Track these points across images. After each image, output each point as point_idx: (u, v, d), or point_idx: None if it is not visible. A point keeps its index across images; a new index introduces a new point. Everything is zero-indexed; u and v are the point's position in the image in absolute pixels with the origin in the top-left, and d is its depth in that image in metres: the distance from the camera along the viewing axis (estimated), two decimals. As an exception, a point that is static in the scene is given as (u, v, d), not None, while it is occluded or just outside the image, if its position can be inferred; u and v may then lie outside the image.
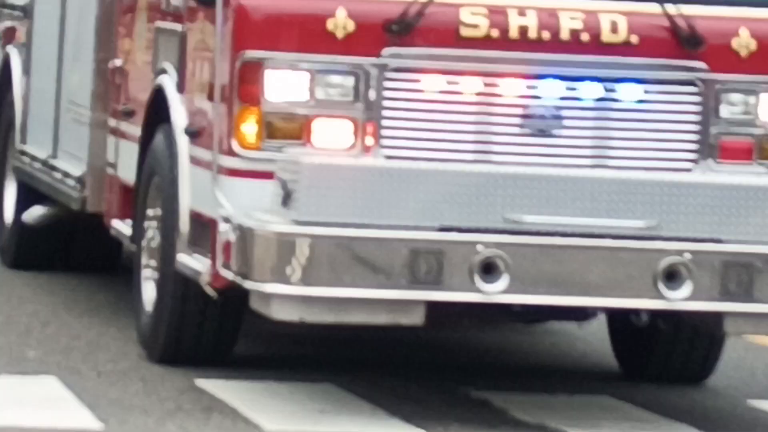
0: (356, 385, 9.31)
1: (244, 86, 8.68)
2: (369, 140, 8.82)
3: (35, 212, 13.51)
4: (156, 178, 10.00)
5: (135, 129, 10.61)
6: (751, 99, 9.34)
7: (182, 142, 9.39)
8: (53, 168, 12.99)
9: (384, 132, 8.83)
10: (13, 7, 15.20)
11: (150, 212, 10.14)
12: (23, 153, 14.07)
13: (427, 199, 8.33)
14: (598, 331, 10.98)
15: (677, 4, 9.14)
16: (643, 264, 8.42)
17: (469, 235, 8.23)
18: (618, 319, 9.88)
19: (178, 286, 9.50)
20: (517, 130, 8.75)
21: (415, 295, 8.15)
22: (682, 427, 9.19)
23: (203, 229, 9.15)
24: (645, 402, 9.74)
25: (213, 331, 9.76)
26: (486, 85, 8.73)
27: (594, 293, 8.58)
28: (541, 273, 8.33)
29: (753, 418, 9.82)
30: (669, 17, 9.04)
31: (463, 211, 8.37)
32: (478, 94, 8.79)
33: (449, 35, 8.69)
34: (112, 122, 11.56)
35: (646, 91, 9.08)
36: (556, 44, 8.82)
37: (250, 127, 8.60)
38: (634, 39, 8.84)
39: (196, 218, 9.15)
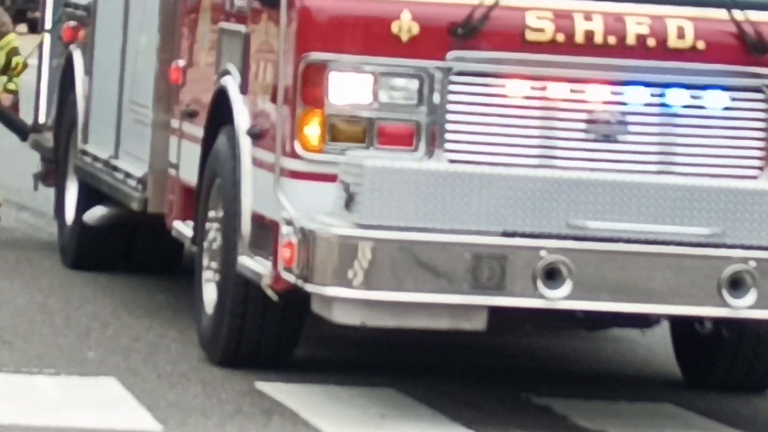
0: (417, 390, 9.23)
1: (308, 88, 8.62)
2: (433, 144, 8.76)
3: (96, 212, 13.46)
4: (218, 180, 9.98)
5: (197, 130, 10.58)
6: None
7: (245, 143, 9.37)
8: (115, 168, 12.93)
9: (448, 136, 8.75)
10: (76, 6, 15.00)
11: (211, 214, 10.10)
12: (85, 153, 13.96)
13: (490, 204, 8.25)
14: (661, 338, 10.94)
15: (744, 10, 9.08)
16: (708, 271, 8.32)
17: (532, 241, 8.17)
18: (681, 326, 9.82)
19: (239, 289, 9.42)
20: (582, 135, 8.69)
21: (478, 300, 8.09)
22: None
23: (265, 231, 9.11)
24: (707, 410, 9.68)
25: (274, 334, 9.70)
26: (552, 90, 8.67)
27: (657, 300, 8.49)
28: (605, 279, 8.28)
29: None
30: (736, 23, 8.96)
31: (527, 216, 8.32)
32: (544, 98, 8.72)
33: (515, 39, 8.61)
34: (175, 123, 11.50)
35: (712, 98, 8.97)
36: (621, 49, 8.72)
37: (313, 130, 8.54)
38: (701, 45, 8.74)
39: (258, 220, 9.11)
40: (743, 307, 8.30)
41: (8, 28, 17.67)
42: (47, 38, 17.11)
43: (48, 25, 16.81)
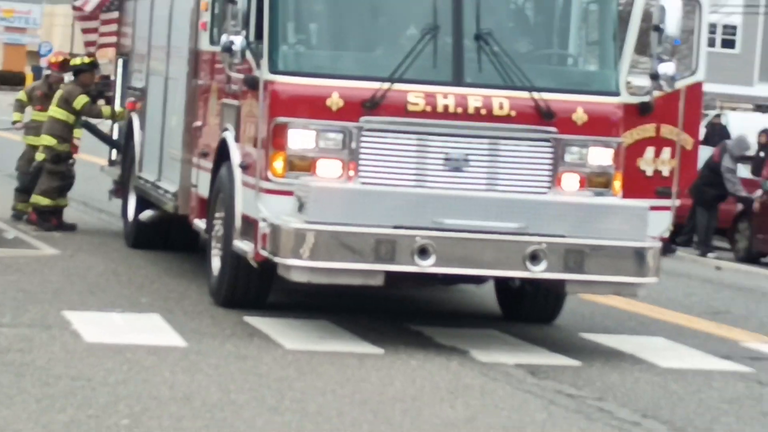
0: (342, 321, 10.39)
1: (276, 138, 9.64)
2: (351, 173, 9.84)
3: (147, 214, 14.17)
4: (221, 194, 10.88)
5: (208, 164, 11.52)
6: (584, 151, 10.37)
7: (237, 172, 10.30)
8: (158, 186, 13.56)
9: (360, 168, 9.84)
10: (135, 88, 15.35)
11: (217, 215, 11.06)
12: (140, 177, 14.80)
13: (386, 209, 9.40)
14: (489, 290, 11.79)
15: (539, 92, 10.07)
16: (516, 249, 9.50)
17: (411, 231, 9.36)
18: (501, 283, 10.96)
19: (233, 260, 10.41)
20: (441, 167, 9.85)
21: (378, 267, 9.21)
22: (540, 349, 10.28)
23: (249, 225, 10.12)
24: (517, 333, 10.88)
25: (255, 288, 10.71)
26: (423, 139, 9.86)
27: (487, 267, 9.74)
28: (455, 254, 9.47)
29: (582, 343, 10.90)
30: (534, 100, 9.95)
31: (408, 216, 9.49)
32: (418, 145, 9.84)
33: (400, 109, 9.67)
34: (195, 160, 12.36)
35: (519, 144, 10.13)
36: (465, 115, 9.78)
37: (279, 164, 9.62)
38: (513, 113, 9.85)
39: (245, 219, 10.06)
40: (538, 272, 9.51)
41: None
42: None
43: (117, 100, 16.84)
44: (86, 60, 16.90)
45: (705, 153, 21.10)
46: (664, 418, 8.01)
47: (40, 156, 16.09)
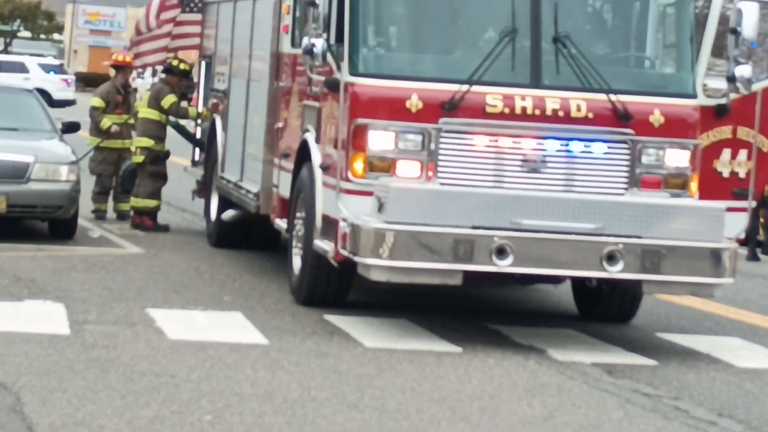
0: (421, 320, 10.35)
1: (356, 140, 9.65)
2: (430, 173, 9.84)
3: (229, 213, 14.30)
4: (302, 194, 10.94)
5: (289, 165, 11.54)
6: (660, 152, 10.30)
7: (318, 173, 10.32)
8: (240, 187, 13.67)
9: (439, 169, 9.82)
10: (217, 90, 15.53)
11: (298, 215, 11.10)
12: (222, 178, 14.70)
13: (465, 210, 9.40)
14: (566, 290, 11.74)
15: (616, 94, 10.00)
16: (593, 250, 9.44)
17: (489, 231, 9.35)
18: (578, 283, 10.81)
19: (314, 259, 10.38)
20: (518, 168, 9.88)
21: (457, 267, 9.18)
22: (617, 349, 10.19)
23: (330, 225, 10.06)
24: (593, 333, 10.78)
25: (335, 286, 10.66)
26: (501, 141, 9.84)
27: (564, 267, 9.73)
28: (532, 255, 9.42)
29: (659, 342, 10.74)
30: (611, 102, 9.91)
31: (486, 216, 9.44)
32: (496, 146, 9.81)
33: (479, 111, 9.66)
34: (276, 161, 12.30)
35: (596, 146, 10.08)
36: (543, 117, 9.82)
37: (359, 165, 9.63)
38: (590, 114, 9.88)
39: (326, 219, 10.04)
40: (615, 272, 9.46)
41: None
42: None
43: (200, 101, 17.06)
44: (183, 66, 16.96)
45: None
46: (740, 418, 7.88)
47: (137, 158, 16.06)
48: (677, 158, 10.15)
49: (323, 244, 10.07)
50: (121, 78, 17.71)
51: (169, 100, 16.15)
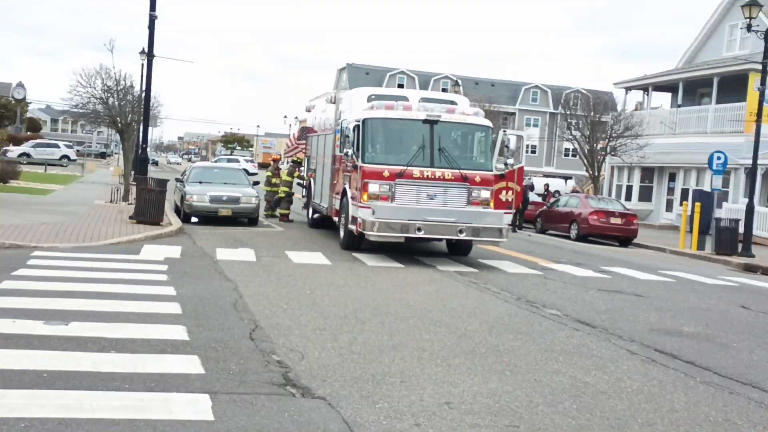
0: (390, 255, 13.10)
1: (364, 187, 12.56)
2: (391, 200, 12.42)
3: (316, 214, 18.25)
4: (343, 207, 13.66)
5: (338, 196, 14.23)
6: (479, 191, 12.90)
7: (349, 199, 13.11)
8: (320, 204, 17.01)
9: (396, 198, 12.35)
10: (311, 169, 19.07)
11: (342, 215, 13.90)
12: (314, 201, 17.98)
13: (404, 213, 12.21)
14: (443, 244, 14.72)
15: (462, 170, 12.51)
16: (454, 228, 12.26)
17: (414, 221, 12.25)
18: (448, 240, 13.59)
19: (348, 231, 13.17)
20: (426, 196, 12.63)
21: (401, 235, 12.22)
22: (462, 265, 12.46)
23: (354, 219, 12.69)
24: (454, 259, 13.21)
25: (356, 242, 13.31)
26: (419, 187, 12.62)
27: (443, 235, 12.60)
28: (431, 230, 12.13)
29: (479, 263, 12.79)
30: (460, 172, 12.57)
31: (412, 216, 12.18)
32: (417, 190, 12.62)
33: (411, 176, 12.53)
34: (333, 195, 15.14)
35: (455, 188, 12.73)
36: (434, 178, 12.68)
37: (365, 196, 12.44)
38: (452, 176, 12.67)
39: (353, 217, 12.83)
40: (462, 237, 12.59)
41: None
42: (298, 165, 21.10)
43: (305, 173, 20.21)
44: (298, 158, 20.62)
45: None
46: (512, 291, 10.38)
47: (281, 194, 20.09)
48: (485, 193, 13.01)
49: (352, 226, 12.80)
50: (274, 165, 22.01)
51: (294, 173, 20.78)
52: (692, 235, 20.34)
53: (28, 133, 54.60)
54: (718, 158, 20.85)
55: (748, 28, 18.82)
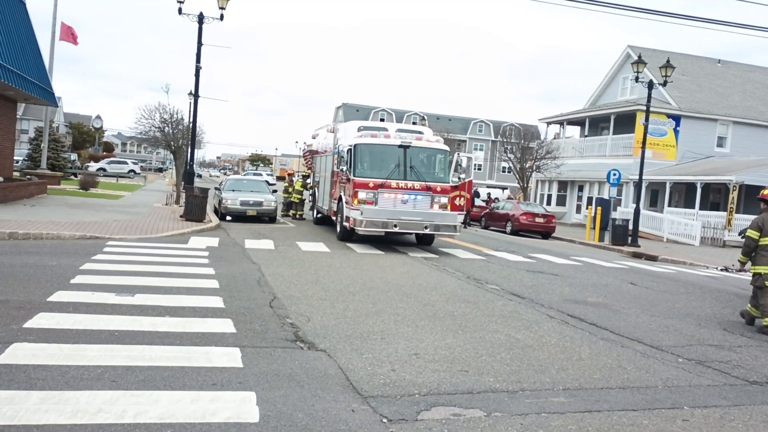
0: (374, 245, 12.62)
1: (354, 194, 12.00)
2: (375, 204, 11.84)
3: (318, 214, 16.80)
4: (340, 209, 13.19)
5: (336, 201, 13.74)
6: (439, 198, 12.22)
7: (344, 203, 12.45)
8: (323, 207, 16.31)
9: (378, 203, 11.74)
10: (316, 181, 18.00)
11: (339, 215, 13.30)
12: (317, 204, 16.42)
13: (384, 213, 11.64)
14: (412, 237, 14.49)
15: (427, 182, 11.91)
16: (421, 224, 11.69)
17: (392, 220, 11.61)
18: (417, 234, 12.80)
19: (343, 227, 12.72)
20: (401, 201, 12.16)
21: (382, 230, 11.79)
22: (427, 252, 12.03)
23: (347, 218, 12.06)
24: (421, 248, 12.85)
25: (348, 235, 12.89)
26: (395, 195, 12.08)
27: (413, 229, 11.92)
28: (405, 226, 11.56)
29: (439, 251, 11.87)
30: (426, 184, 12.06)
31: (390, 216, 11.58)
32: (394, 197, 12.09)
33: (389, 187, 11.97)
34: (332, 200, 14.54)
35: (423, 196, 12.15)
36: (407, 189, 12.22)
37: (355, 201, 12.02)
38: (419, 187, 12.27)
39: (347, 216, 12.44)
40: (427, 231, 11.98)
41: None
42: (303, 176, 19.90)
43: (311, 183, 19.02)
44: (306, 173, 19.47)
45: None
46: (455, 268, 9.77)
47: (295, 199, 19.06)
48: (444, 199, 12.59)
49: (345, 223, 12.51)
50: (289, 178, 20.50)
51: (305, 184, 19.32)
52: (595, 231, 20.38)
53: (104, 153, 55.45)
54: (614, 174, 20.99)
55: (636, 79, 19.08)
